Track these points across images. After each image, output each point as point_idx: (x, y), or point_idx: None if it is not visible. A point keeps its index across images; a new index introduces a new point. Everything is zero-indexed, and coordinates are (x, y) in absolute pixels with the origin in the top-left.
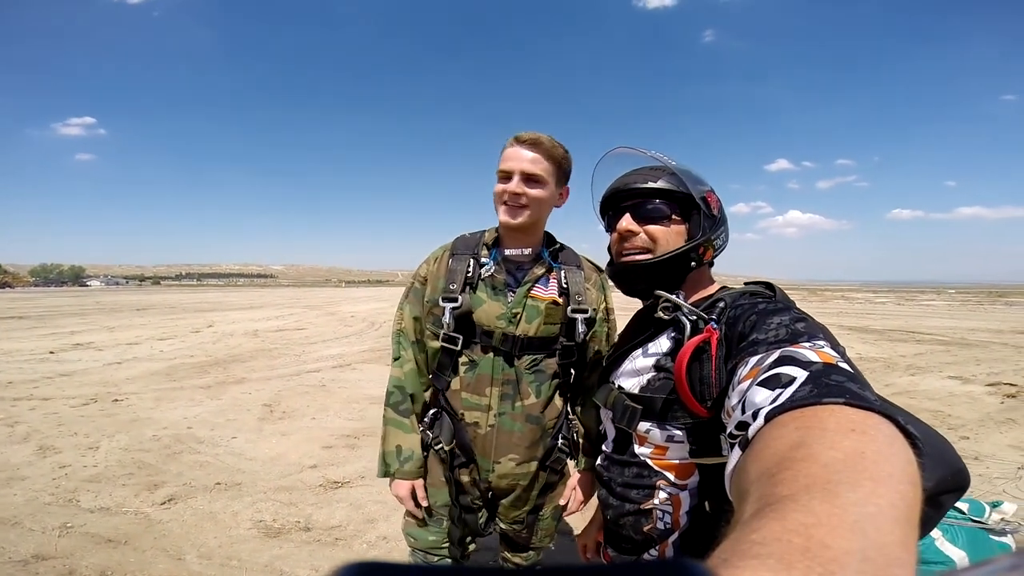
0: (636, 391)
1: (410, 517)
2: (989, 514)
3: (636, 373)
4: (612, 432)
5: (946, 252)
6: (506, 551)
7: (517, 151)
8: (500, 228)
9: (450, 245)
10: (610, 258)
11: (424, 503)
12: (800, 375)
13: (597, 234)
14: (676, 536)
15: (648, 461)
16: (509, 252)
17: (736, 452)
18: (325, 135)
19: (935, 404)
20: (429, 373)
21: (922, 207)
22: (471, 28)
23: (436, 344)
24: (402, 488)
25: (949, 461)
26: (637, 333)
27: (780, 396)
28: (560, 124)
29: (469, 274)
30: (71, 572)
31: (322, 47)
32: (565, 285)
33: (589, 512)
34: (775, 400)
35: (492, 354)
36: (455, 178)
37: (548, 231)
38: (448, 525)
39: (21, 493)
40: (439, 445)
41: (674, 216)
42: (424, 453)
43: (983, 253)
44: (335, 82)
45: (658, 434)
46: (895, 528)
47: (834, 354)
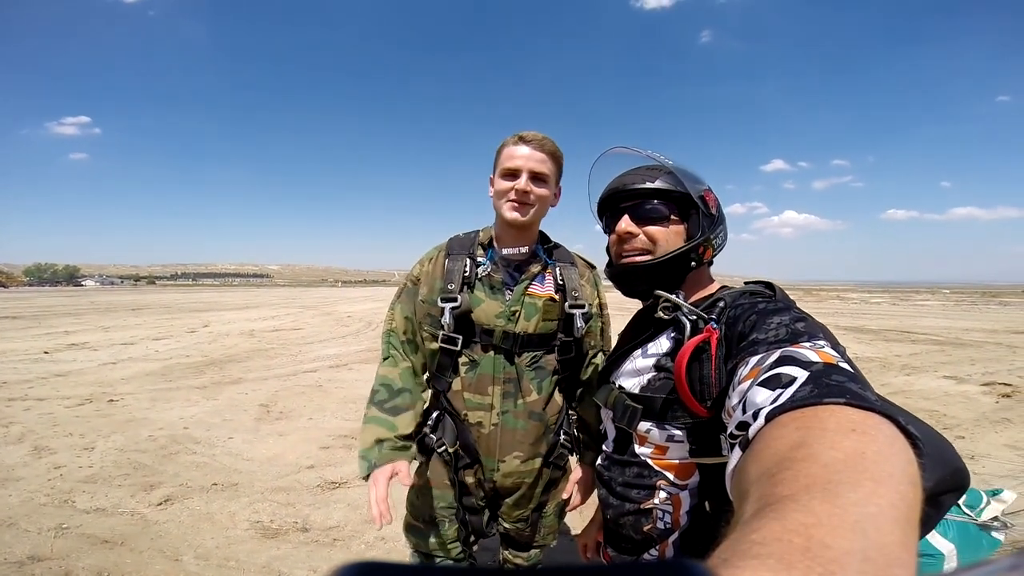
0: (636, 391)
1: (411, 519)
2: (987, 502)
3: (636, 373)
4: (612, 432)
5: (940, 252)
6: (507, 551)
7: (524, 150)
8: (499, 226)
9: (444, 245)
10: (609, 259)
11: (407, 482)
12: (801, 375)
13: (593, 234)
14: (676, 536)
15: (648, 461)
16: (507, 251)
17: (736, 452)
18: (322, 135)
19: (930, 404)
20: (427, 375)
21: (917, 207)
22: (469, 29)
23: (434, 346)
24: (381, 473)
25: (949, 461)
26: (637, 333)
27: (781, 396)
28: (555, 124)
29: (466, 274)
30: (67, 573)
31: (320, 47)
32: (561, 282)
33: (588, 511)
34: (775, 400)
35: (493, 352)
36: (452, 178)
37: (542, 230)
38: (451, 527)
39: (16, 494)
40: (443, 447)
41: (673, 216)
42: (425, 457)
43: (977, 253)
44: (333, 82)
45: (658, 434)
46: (896, 528)
47: (834, 354)
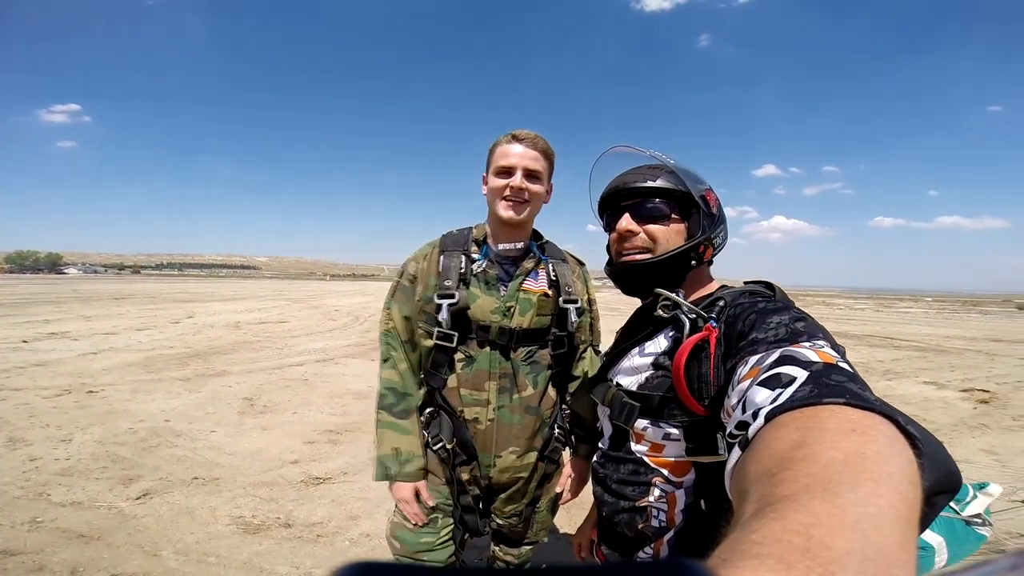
0: (634, 388)
1: (401, 520)
2: (973, 495)
3: (634, 371)
4: (609, 429)
5: (925, 260)
6: (498, 548)
7: (518, 148)
8: (492, 223)
9: (438, 242)
10: (609, 258)
11: (430, 503)
12: (800, 375)
13: (586, 234)
14: (671, 534)
15: (644, 458)
16: (503, 247)
17: (736, 451)
18: (315, 128)
19: (911, 409)
20: (422, 372)
21: (904, 215)
22: (467, 28)
23: (429, 343)
24: (405, 491)
25: (943, 462)
26: (636, 331)
27: (780, 396)
28: (549, 125)
29: (462, 270)
30: (41, 568)
31: (313, 39)
32: (554, 277)
33: (576, 510)
34: (775, 400)
35: (489, 348)
36: (444, 176)
37: (534, 227)
38: (445, 524)
39: None
40: (439, 444)
41: (673, 215)
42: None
43: (960, 262)
44: (324, 76)
45: (655, 432)
46: (895, 529)
47: (834, 354)
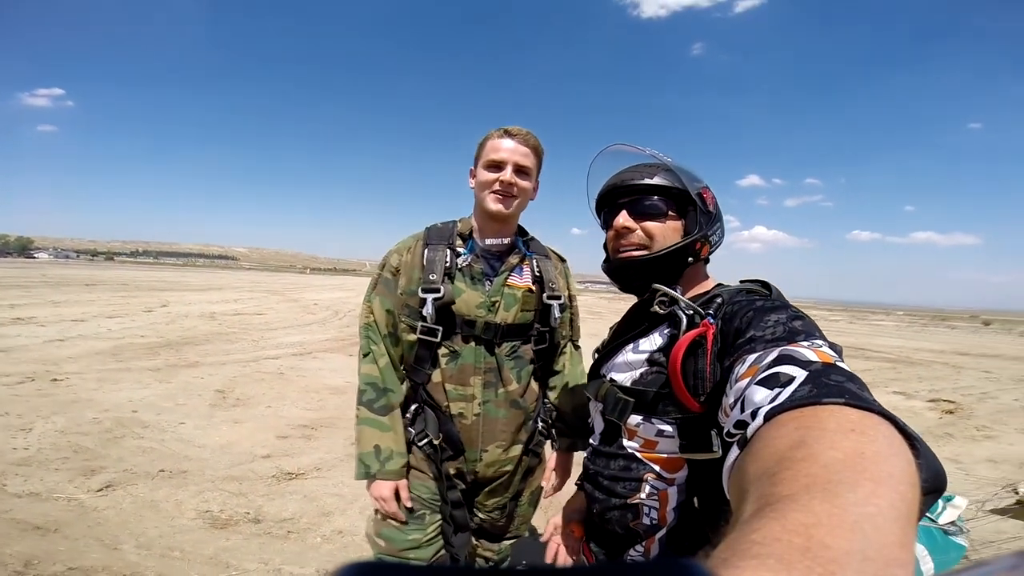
0: (628, 384)
1: (387, 519)
2: (943, 508)
3: (629, 366)
4: (600, 425)
5: (898, 275)
6: (479, 543)
7: (509, 143)
8: (479, 217)
9: (422, 235)
10: (606, 255)
11: (408, 504)
12: (799, 374)
13: (569, 237)
14: (663, 532)
15: (636, 454)
16: (489, 242)
17: (734, 451)
18: (300, 120)
19: None
20: (404, 367)
21: (880, 229)
22: (463, 26)
23: (412, 337)
24: (385, 489)
25: (930, 463)
26: (631, 327)
27: (779, 395)
28: (542, 128)
29: (447, 264)
30: None
31: (300, 29)
32: (538, 273)
33: (555, 509)
34: (774, 399)
35: (474, 343)
36: (429, 173)
37: (519, 223)
38: (432, 521)
39: None
40: (425, 440)
41: (670, 212)
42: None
43: (931, 278)
44: (312, 67)
45: (648, 428)
46: (895, 528)
47: (832, 354)
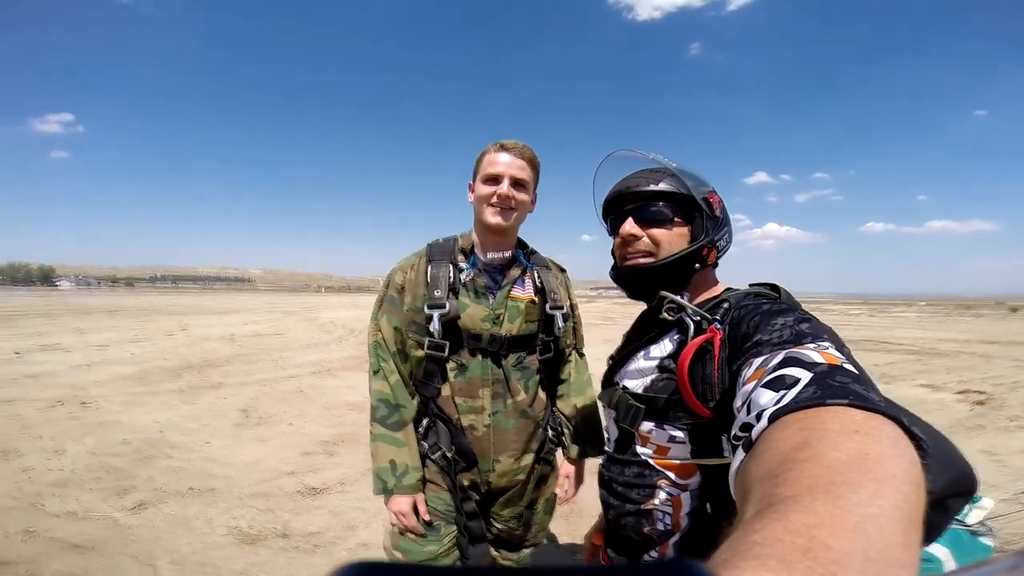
0: (639, 391)
1: (404, 533)
2: (969, 509)
3: (640, 373)
4: (615, 432)
5: (917, 265)
6: (498, 554)
7: (505, 157)
8: (479, 231)
9: (424, 251)
10: (614, 262)
11: (426, 517)
12: (804, 376)
13: (577, 245)
14: (677, 538)
15: (649, 460)
16: (491, 255)
17: (740, 453)
18: (310, 139)
19: None
20: (414, 383)
21: (894, 220)
22: (463, 39)
23: (420, 353)
24: (403, 503)
25: (956, 464)
26: (641, 334)
27: (784, 397)
28: (539, 134)
29: (451, 279)
30: None
31: (308, 49)
32: (540, 284)
33: (574, 517)
34: (779, 401)
35: (480, 356)
36: (440, 187)
37: (519, 236)
38: (448, 532)
39: None
40: (438, 453)
41: (676, 218)
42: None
43: (951, 266)
44: (321, 85)
45: (660, 434)
46: (898, 529)
47: (839, 355)
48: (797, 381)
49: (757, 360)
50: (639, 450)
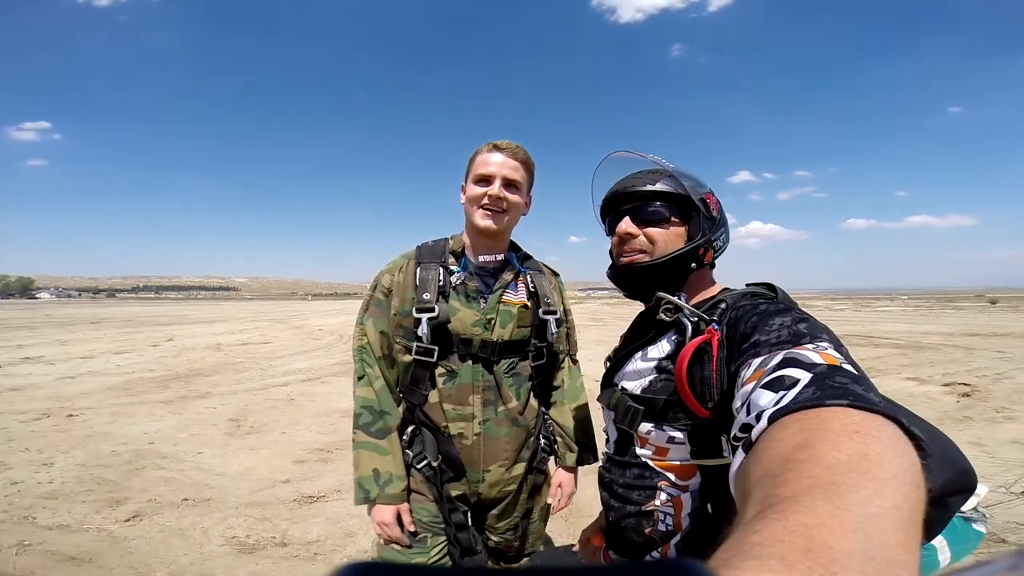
0: (638, 392)
1: (389, 544)
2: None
3: (638, 375)
4: (614, 433)
5: (898, 259)
6: (497, 566)
7: (498, 157)
8: (471, 234)
9: (413, 253)
10: (611, 261)
11: (411, 528)
12: (804, 377)
13: (567, 247)
14: (678, 539)
15: (649, 462)
16: (483, 258)
17: (740, 454)
18: (292, 146)
19: None
20: (400, 389)
21: (875, 216)
22: (445, 43)
23: (408, 358)
24: (386, 513)
25: (955, 462)
26: (639, 335)
27: (784, 398)
28: (524, 136)
29: (440, 283)
30: None
31: (290, 58)
32: (533, 289)
33: (573, 518)
34: (778, 402)
35: (471, 362)
36: (427, 191)
37: (512, 239)
38: (435, 544)
39: None
40: (423, 462)
41: (673, 218)
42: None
43: (932, 260)
44: (303, 93)
45: (659, 435)
46: (898, 529)
47: (837, 355)
48: (796, 382)
49: (756, 361)
50: (638, 451)
